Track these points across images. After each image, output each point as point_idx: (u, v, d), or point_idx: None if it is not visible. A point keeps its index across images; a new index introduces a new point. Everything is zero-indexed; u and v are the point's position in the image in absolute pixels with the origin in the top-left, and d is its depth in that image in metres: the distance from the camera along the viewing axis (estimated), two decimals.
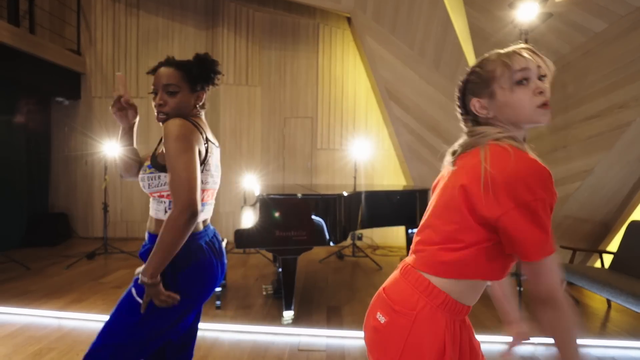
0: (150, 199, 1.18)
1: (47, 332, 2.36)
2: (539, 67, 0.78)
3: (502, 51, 0.81)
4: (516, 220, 0.69)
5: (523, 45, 0.80)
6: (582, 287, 2.67)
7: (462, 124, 0.91)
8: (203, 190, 1.17)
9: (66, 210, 5.44)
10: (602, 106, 2.89)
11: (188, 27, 5.36)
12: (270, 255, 4.28)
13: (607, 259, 2.97)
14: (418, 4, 4.05)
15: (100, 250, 4.39)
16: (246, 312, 2.71)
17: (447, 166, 0.88)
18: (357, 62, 5.22)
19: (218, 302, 2.78)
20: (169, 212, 1.06)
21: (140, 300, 1.07)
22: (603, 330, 2.60)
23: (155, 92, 1.18)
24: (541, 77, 0.79)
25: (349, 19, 4.79)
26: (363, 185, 3.72)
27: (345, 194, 2.69)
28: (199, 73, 1.20)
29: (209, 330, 2.39)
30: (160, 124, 1.15)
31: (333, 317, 2.66)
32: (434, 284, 0.79)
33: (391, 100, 4.42)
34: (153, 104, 1.19)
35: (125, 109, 1.27)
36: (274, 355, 2.13)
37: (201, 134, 1.15)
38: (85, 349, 1.09)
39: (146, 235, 1.20)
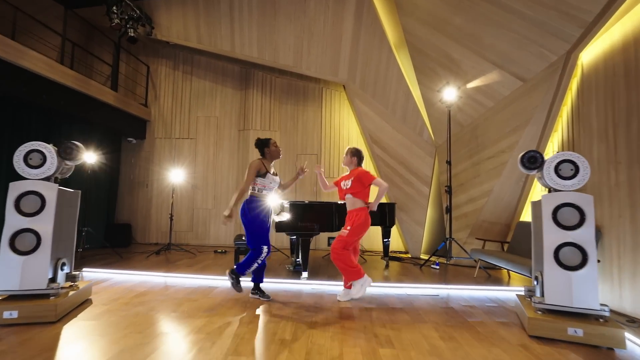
0: None
1: (157, 286, 4.03)
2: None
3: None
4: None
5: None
6: (488, 261, 4.33)
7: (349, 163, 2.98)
8: (264, 185, 3.20)
9: (128, 222, 7.16)
10: (494, 151, 4.70)
11: (227, 89, 7.36)
12: (287, 252, 5.96)
13: (506, 246, 4.66)
14: (389, 80, 6.01)
15: (163, 249, 6.08)
16: (280, 276, 4.38)
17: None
18: (349, 114, 7.16)
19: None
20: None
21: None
22: (508, 285, 4.24)
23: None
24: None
25: (343, 86, 6.78)
26: None
27: (339, 202, 4.44)
28: (258, 145, 3.23)
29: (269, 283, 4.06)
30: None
31: (328, 278, 4.32)
32: (361, 204, 2.66)
33: (373, 143, 6.29)
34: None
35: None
36: (298, 291, 3.79)
37: (264, 165, 3.16)
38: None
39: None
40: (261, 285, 3.50)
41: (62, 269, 2.94)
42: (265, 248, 3.19)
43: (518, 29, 4.04)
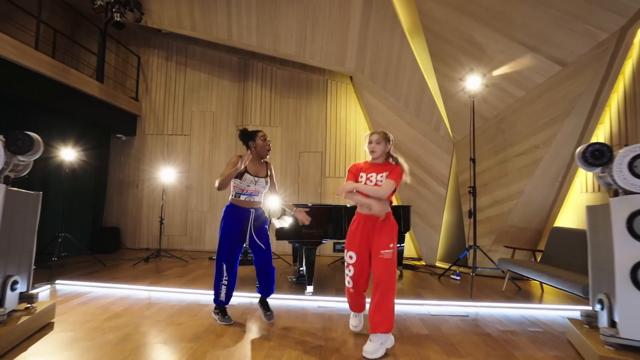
0: None
1: (139, 302, 3.47)
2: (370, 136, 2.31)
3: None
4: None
5: (371, 132, 2.40)
6: (522, 274, 3.74)
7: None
8: (241, 189, 2.76)
9: (117, 225, 6.61)
10: (525, 147, 4.13)
11: (224, 81, 6.80)
12: (289, 259, 5.39)
13: (538, 255, 4.08)
14: (402, 69, 5.45)
15: (153, 255, 5.52)
16: (282, 289, 3.81)
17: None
18: (357, 108, 6.59)
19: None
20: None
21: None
22: (540, 300, 3.67)
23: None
24: (371, 141, 2.25)
25: (350, 77, 6.21)
26: None
27: (348, 205, 3.88)
28: (242, 138, 2.79)
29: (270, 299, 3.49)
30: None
31: (336, 293, 3.75)
32: (389, 206, 2.21)
33: None
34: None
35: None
36: (303, 310, 3.23)
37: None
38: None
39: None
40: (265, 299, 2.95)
41: (12, 289, 2.39)
42: (223, 265, 2.71)
43: (559, 3, 3.47)
